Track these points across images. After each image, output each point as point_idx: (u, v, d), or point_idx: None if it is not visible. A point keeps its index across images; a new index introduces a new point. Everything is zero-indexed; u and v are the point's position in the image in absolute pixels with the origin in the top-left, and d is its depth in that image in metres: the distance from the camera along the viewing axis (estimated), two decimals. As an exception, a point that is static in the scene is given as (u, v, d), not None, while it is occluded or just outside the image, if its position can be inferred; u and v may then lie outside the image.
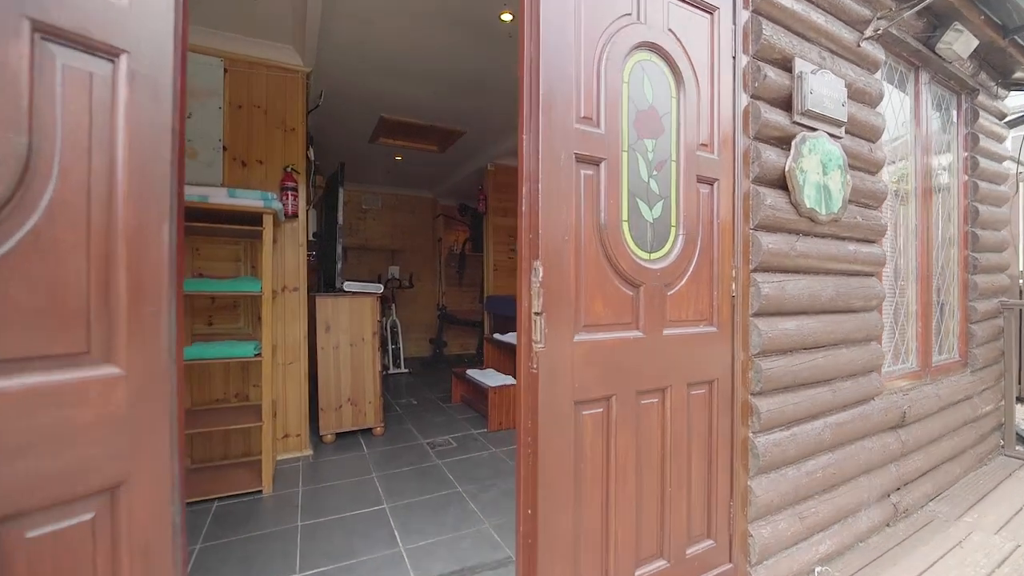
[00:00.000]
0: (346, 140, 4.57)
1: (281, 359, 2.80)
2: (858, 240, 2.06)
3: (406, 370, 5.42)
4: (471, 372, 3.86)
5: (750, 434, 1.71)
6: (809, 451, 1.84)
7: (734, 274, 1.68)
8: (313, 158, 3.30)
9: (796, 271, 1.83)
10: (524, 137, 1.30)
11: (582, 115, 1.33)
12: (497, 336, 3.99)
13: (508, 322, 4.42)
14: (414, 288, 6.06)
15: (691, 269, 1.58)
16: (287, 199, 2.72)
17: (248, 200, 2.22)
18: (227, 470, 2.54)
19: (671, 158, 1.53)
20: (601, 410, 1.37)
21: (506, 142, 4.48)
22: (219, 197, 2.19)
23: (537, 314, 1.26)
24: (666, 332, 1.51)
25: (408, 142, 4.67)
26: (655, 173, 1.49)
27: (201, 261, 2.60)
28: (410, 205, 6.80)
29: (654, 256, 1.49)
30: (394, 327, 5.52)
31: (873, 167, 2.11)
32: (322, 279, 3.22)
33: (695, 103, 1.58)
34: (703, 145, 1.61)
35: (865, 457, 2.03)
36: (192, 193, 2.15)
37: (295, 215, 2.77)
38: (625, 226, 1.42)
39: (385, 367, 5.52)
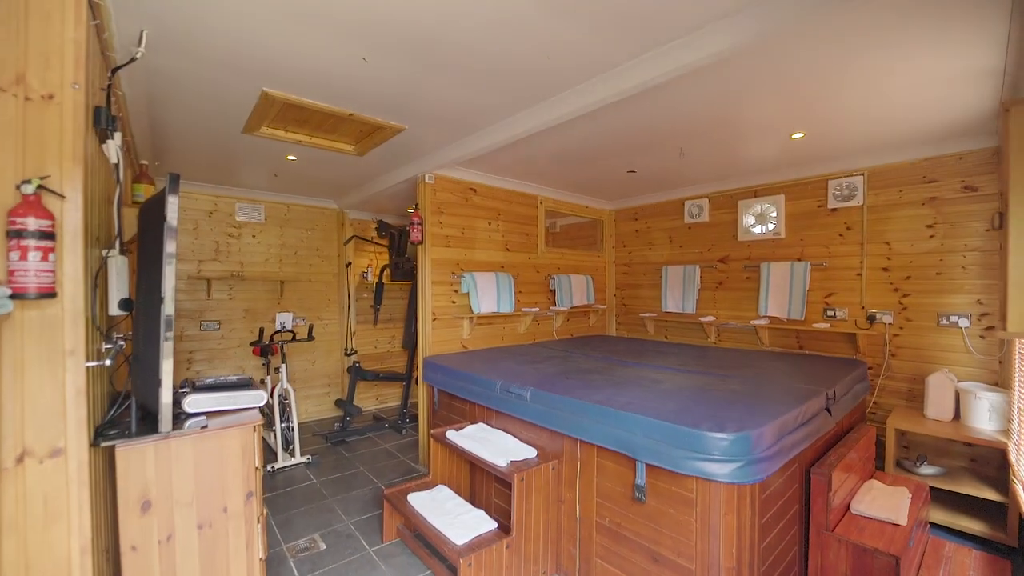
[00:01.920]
0: (200, 126, 2.89)
1: (13, 621, 1.23)
2: None
3: (303, 459, 3.81)
4: (415, 500, 2.51)
5: None
6: None
7: None
8: (119, 159, 1.71)
9: None
10: None
11: None
12: (452, 438, 2.68)
13: (460, 406, 3.12)
14: (315, 338, 4.43)
15: None
16: (24, 256, 1.17)
17: None
18: None
19: None
20: None
21: (462, 145, 3.17)
22: None
23: None
24: None
25: (309, 136, 3.13)
26: None
27: None
28: (307, 219, 5.10)
29: None
30: (284, 398, 3.87)
31: None
32: (137, 395, 1.64)
33: None
34: None
35: None
36: None
37: (49, 293, 1.22)
38: None
39: (269, 452, 3.86)
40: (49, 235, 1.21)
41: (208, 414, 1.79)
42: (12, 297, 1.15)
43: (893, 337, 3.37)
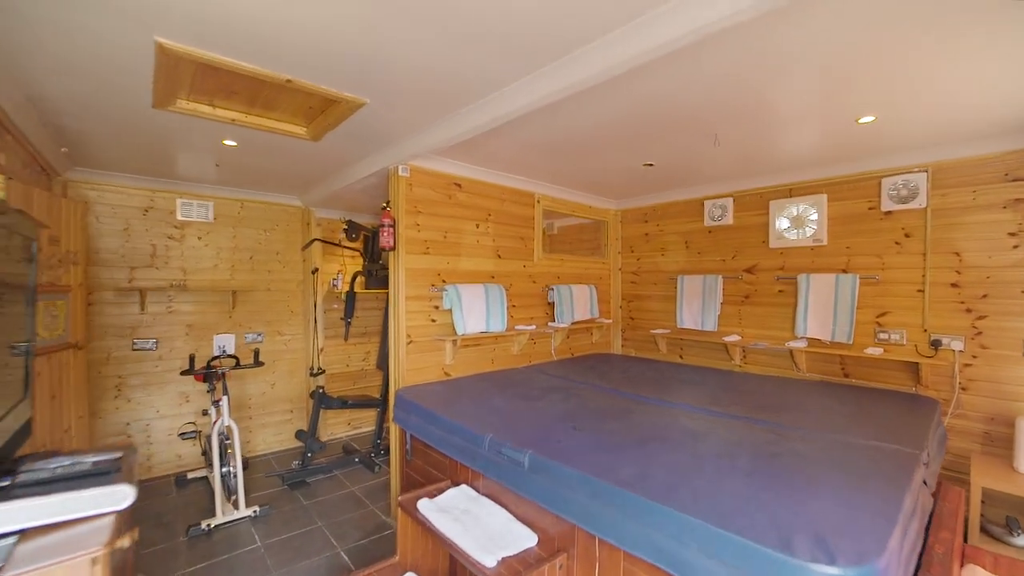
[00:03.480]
0: (94, 98, 2.19)
1: None
2: None
3: (249, 512, 3.12)
4: (375, 602, 1.85)
5: None
6: None
7: None
8: None
9: None
10: None
11: None
12: (426, 512, 2.03)
13: (439, 458, 2.46)
14: (263, 363, 3.74)
15: None
16: None
17: None
18: None
19: None
20: None
21: (444, 127, 2.51)
22: None
23: None
24: None
25: (244, 114, 2.45)
26: None
27: None
28: (266, 218, 4.39)
29: None
30: (225, 437, 3.19)
31: None
32: None
33: None
34: None
35: None
36: None
37: None
38: None
39: (209, 502, 3.16)
40: None
41: (24, 533, 1.12)
42: None
43: (964, 367, 2.79)
